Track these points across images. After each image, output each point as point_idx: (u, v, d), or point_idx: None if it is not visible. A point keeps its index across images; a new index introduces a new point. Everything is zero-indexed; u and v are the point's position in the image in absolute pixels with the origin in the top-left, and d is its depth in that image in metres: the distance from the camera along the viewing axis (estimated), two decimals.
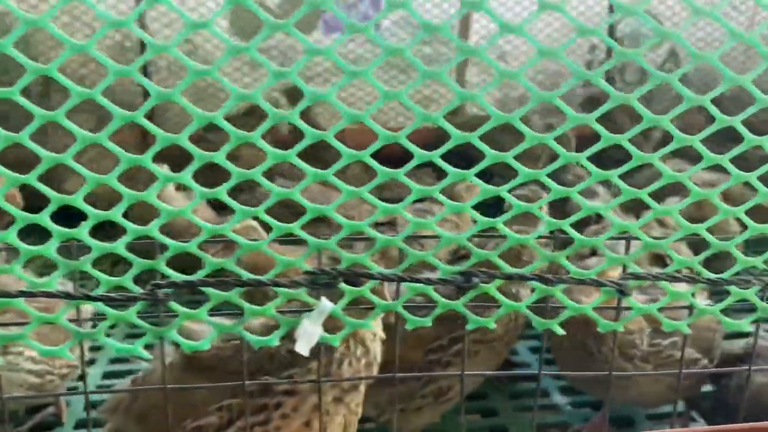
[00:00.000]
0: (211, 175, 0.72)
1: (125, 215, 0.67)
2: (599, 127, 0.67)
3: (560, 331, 0.77)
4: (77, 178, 0.63)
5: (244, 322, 0.74)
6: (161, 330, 0.73)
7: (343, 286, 0.73)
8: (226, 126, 0.64)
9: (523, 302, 0.76)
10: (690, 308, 0.78)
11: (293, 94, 2.43)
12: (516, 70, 0.65)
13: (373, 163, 0.67)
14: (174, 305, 0.72)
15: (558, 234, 0.76)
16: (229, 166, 0.66)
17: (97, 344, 1.58)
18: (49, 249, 0.67)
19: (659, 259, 1.28)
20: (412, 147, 0.66)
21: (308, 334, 0.74)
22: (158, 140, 0.65)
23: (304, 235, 0.71)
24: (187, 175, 0.66)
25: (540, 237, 0.74)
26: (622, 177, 0.69)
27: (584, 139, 0.83)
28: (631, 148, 0.67)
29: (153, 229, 0.68)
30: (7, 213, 0.64)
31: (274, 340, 0.75)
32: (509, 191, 0.70)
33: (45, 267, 0.70)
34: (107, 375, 1.52)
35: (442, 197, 0.70)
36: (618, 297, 0.75)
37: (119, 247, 0.69)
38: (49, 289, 0.69)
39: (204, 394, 0.89)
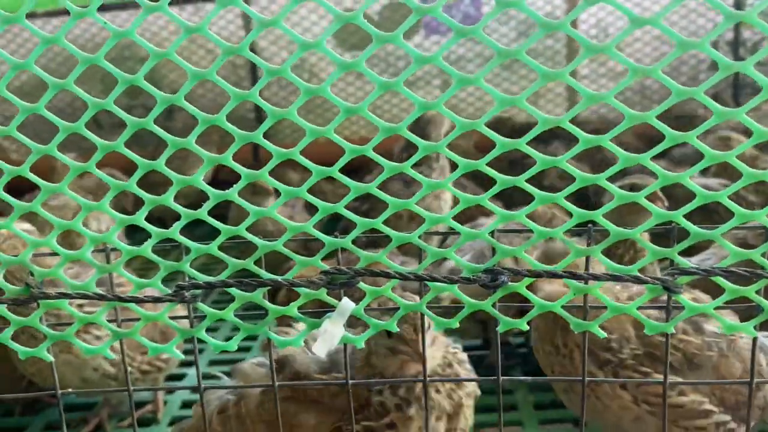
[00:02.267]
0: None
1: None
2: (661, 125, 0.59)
3: (602, 334, 0.70)
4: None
5: (268, 323, 0.75)
6: (192, 330, 0.75)
7: (362, 285, 0.72)
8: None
9: (557, 302, 0.70)
10: None
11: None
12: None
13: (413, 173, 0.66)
14: (201, 306, 0.74)
15: (591, 226, 0.69)
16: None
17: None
18: (146, 249, 0.71)
19: None
20: (533, 152, 0.63)
21: (329, 335, 0.72)
22: (275, 156, 0.66)
23: (319, 234, 0.70)
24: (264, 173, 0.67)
25: (569, 230, 0.67)
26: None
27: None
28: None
29: (242, 228, 0.70)
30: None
31: (298, 341, 0.74)
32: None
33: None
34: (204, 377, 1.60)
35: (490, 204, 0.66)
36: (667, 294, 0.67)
37: (213, 248, 0.71)
38: (90, 290, 0.73)
39: (311, 425, 0.91)
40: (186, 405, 1.47)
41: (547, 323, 1.05)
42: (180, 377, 1.57)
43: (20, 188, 0.77)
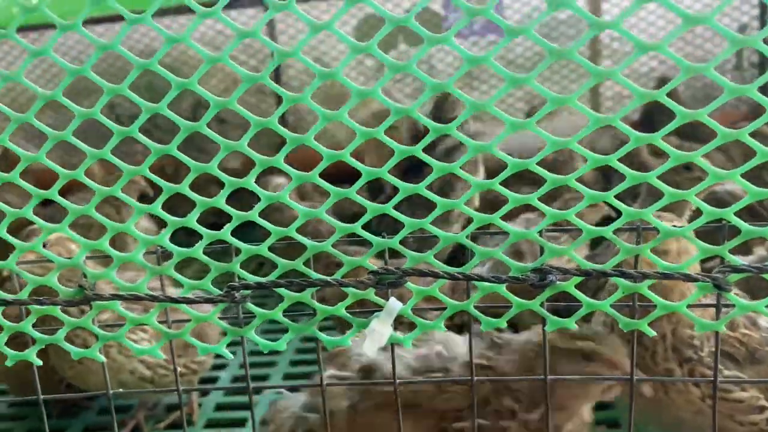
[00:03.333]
0: None
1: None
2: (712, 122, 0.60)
3: (651, 333, 0.70)
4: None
5: (317, 323, 0.75)
6: (241, 330, 0.76)
7: (410, 285, 0.72)
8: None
9: (605, 300, 0.70)
10: None
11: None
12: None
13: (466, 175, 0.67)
14: (250, 306, 0.75)
15: (641, 224, 0.69)
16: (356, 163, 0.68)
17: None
18: (197, 251, 0.72)
19: None
20: (586, 152, 0.63)
21: (377, 335, 0.73)
22: (289, 142, 0.67)
23: (366, 235, 0.71)
24: (316, 175, 0.68)
25: (620, 228, 0.67)
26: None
27: None
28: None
29: (292, 230, 0.72)
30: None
31: (346, 340, 0.75)
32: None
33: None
34: (237, 379, 1.61)
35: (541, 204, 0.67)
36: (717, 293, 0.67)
37: (263, 249, 0.73)
38: (138, 292, 0.74)
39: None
40: (220, 407, 1.48)
41: None
42: (213, 380, 1.58)
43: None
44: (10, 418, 1.51)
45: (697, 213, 0.65)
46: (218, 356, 1.64)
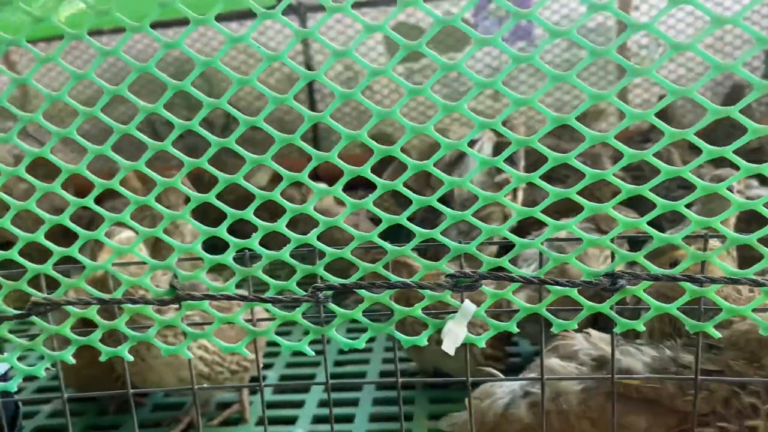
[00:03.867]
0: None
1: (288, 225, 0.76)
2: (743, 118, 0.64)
3: (716, 335, 0.73)
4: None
5: (394, 322, 0.80)
6: (323, 329, 0.81)
7: (484, 288, 0.76)
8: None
9: (673, 304, 0.74)
10: None
11: None
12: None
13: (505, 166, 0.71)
14: (332, 306, 0.79)
15: (709, 232, 0.73)
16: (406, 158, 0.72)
17: (275, 349, 1.74)
18: (284, 254, 0.77)
19: None
20: (660, 163, 0.67)
21: (452, 335, 0.77)
22: (314, 158, 0.73)
23: (445, 240, 0.75)
24: (338, 188, 0.74)
25: (688, 236, 0.71)
26: None
27: None
28: None
29: (312, 237, 0.76)
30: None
31: (422, 339, 0.79)
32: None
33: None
34: (283, 378, 1.66)
35: (579, 199, 0.71)
36: None
37: (284, 254, 0.78)
38: (229, 292, 0.79)
39: (641, 427, 0.91)
40: (270, 405, 1.53)
41: None
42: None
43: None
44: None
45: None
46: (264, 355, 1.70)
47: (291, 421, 1.45)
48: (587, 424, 0.96)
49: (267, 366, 1.68)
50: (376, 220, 0.84)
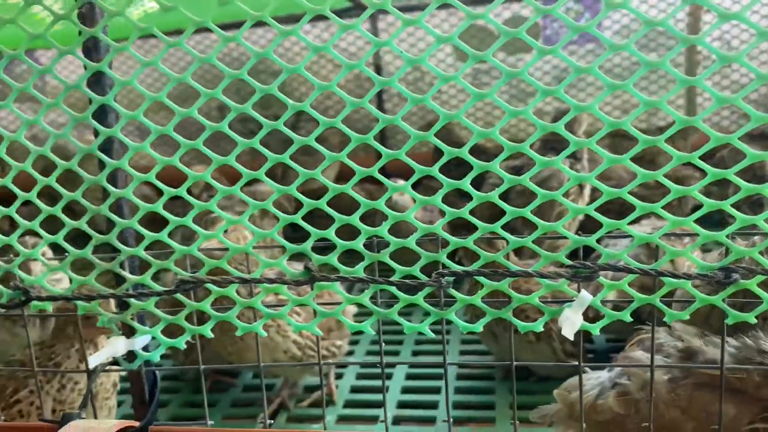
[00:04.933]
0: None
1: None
2: None
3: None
4: None
5: (511, 309, 0.85)
6: (443, 312, 0.87)
7: (602, 279, 0.81)
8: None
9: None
10: None
11: None
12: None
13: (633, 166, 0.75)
14: (453, 291, 0.85)
15: None
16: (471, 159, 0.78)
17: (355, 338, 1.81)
18: (411, 242, 0.84)
19: None
20: (705, 166, 0.73)
21: (570, 322, 0.82)
22: (384, 156, 0.80)
23: (565, 232, 0.80)
24: (408, 186, 0.82)
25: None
26: None
27: None
28: None
29: (497, 226, 0.82)
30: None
31: (539, 326, 0.85)
32: None
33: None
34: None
35: (698, 195, 0.75)
36: None
37: (468, 242, 0.83)
38: (358, 275, 0.86)
39: (729, 415, 0.93)
40: (354, 390, 1.60)
41: None
42: (345, 365, 1.71)
43: None
44: (163, 391, 1.67)
45: None
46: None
47: (376, 405, 1.52)
48: (677, 413, 0.99)
49: (349, 353, 1.75)
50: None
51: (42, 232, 0.91)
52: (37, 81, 0.87)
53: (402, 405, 1.52)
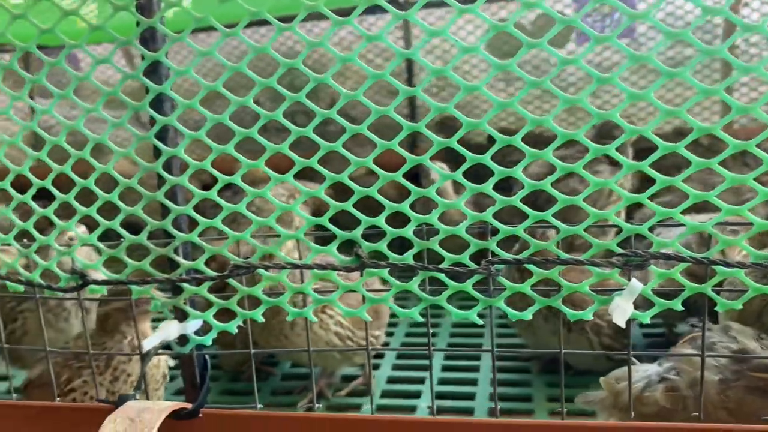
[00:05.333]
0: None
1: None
2: None
3: None
4: None
5: (561, 297, 0.86)
6: (492, 300, 0.87)
7: (653, 268, 0.81)
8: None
9: None
10: None
11: None
12: None
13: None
14: (502, 279, 0.86)
15: None
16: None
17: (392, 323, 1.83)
18: (460, 230, 0.85)
19: None
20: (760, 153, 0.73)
21: (620, 310, 0.83)
22: (435, 144, 0.81)
23: (618, 221, 0.81)
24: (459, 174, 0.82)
25: None
26: None
27: None
28: None
29: (548, 214, 0.83)
30: None
31: (588, 314, 0.85)
32: None
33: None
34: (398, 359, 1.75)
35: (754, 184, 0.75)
36: None
37: (519, 230, 0.84)
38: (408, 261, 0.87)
39: None
40: (391, 380, 1.62)
41: None
42: (381, 355, 1.72)
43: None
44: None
45: None
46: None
47: (414, 395, 1.53)
48: (724, 414, 0.98)
49: (384, 344, 1.77)
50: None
51: (99, 218, 0.94)
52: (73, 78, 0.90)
53: (439, 396, 1.53)
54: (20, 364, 1.64)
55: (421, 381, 1.59)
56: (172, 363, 1.25)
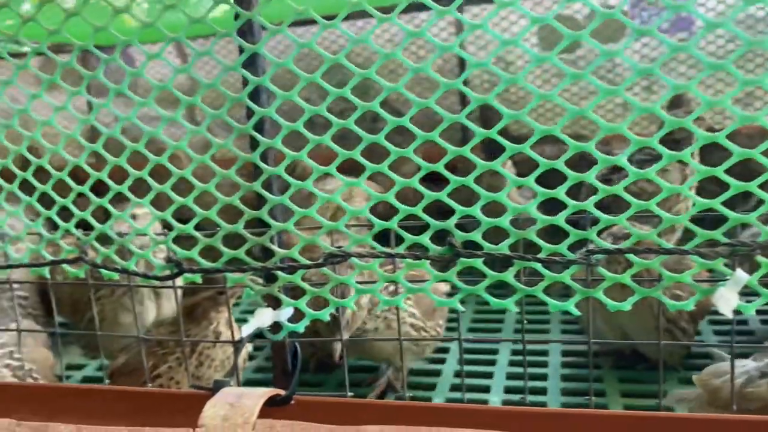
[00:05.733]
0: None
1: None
2: None
3: None
4: None
5: (661, 288, 0.85)
6: (590, 291, 0.87)
7: (760, 258, 0.80)
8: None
9: None
10: None
11: None
12: None
13: None
14: (601, 270, 0.86)
15: None
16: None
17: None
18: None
19: None
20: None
21: (725, 300, 0.81)
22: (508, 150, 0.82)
23: (725, 210, 0.79)
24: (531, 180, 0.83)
25: None
26: None
27: None
28: None
29: (652, 203, 0.81)
30: None
31: (689, 305, 0.84)
32: None
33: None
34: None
35: None
36: None
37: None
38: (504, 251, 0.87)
39: None
40: (458, 375, 1.62)
41: None
42: (446, 349, 1.72)
43: None
44: (267, 370, 1.73)
45: None
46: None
47: (484, 389, 1.53)
48: None
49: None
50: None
51: (195, 207, 0.96)
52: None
53: (508, 390, 1.53)
54: (95, 353, 1.69)
55: (489, 375, 1.58)
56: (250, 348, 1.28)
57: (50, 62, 0.97)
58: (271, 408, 0.95)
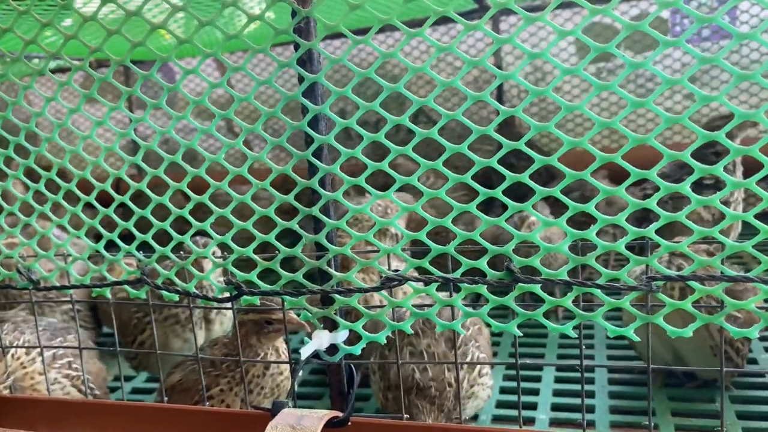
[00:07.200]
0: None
1: None
2: None
3: None
4: None
5: (724, 314, 0.84)
6: (650, 317, 0.86)
7: None
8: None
9: None
10: None
11: None
12: None
13: None
14: (662, 296, 0.85)
15: None
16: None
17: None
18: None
19: None
20: None
21: None
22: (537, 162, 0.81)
23: (757, 223, 0.78)
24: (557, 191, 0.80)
25: None
26: None
27: None
28: None
29: (715, 231, 0.81)
30: None
31: (754, 332, 0.83)
32: None
33: None
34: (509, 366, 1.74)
35: None
36: None
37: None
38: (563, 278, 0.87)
39: None
40: (504, 391, 1.61)
41: None
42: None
43: None
44: (314, 384, 1.74)
45: None
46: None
47: (530, 406, 1.53)
48: None
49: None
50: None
51: (255, 231, 0.98)
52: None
53: (555, 408, 1.52)
54: (148, 370, 1.73)
55: (535, 392, 1.58)
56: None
57: (132, 75, 1.01)
58: (328, 429, 0.97)
